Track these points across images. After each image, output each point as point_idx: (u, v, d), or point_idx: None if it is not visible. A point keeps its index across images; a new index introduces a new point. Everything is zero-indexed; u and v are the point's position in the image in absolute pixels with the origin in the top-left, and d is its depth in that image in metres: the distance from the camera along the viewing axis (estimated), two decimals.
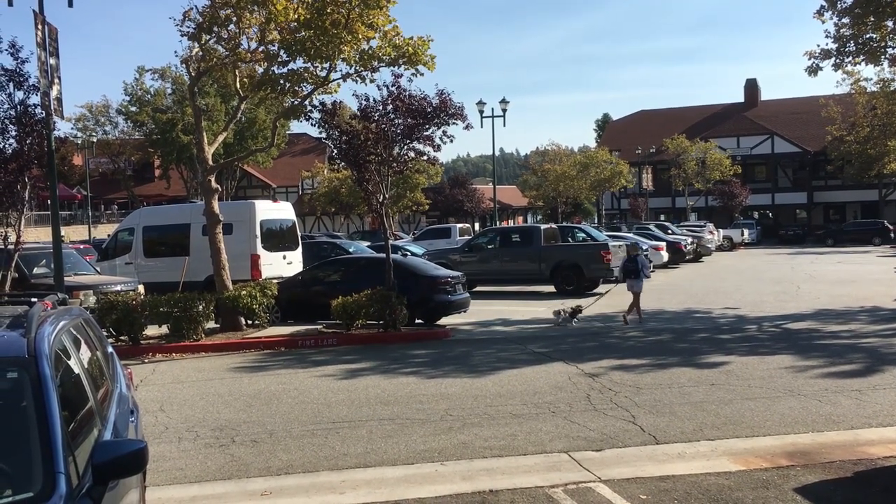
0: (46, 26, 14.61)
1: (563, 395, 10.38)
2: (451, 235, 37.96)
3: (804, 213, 67.58)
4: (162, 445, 8.54)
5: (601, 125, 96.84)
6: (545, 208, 72.20)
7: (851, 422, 8.74)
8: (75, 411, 3.96)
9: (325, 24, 15.43)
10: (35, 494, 3.16)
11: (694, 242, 38.77)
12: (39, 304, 4.55)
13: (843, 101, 55.32)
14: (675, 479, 6.95)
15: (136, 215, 23.79)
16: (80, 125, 60.34)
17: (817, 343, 14.21)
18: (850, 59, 22.65)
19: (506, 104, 42.01)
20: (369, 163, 16.34)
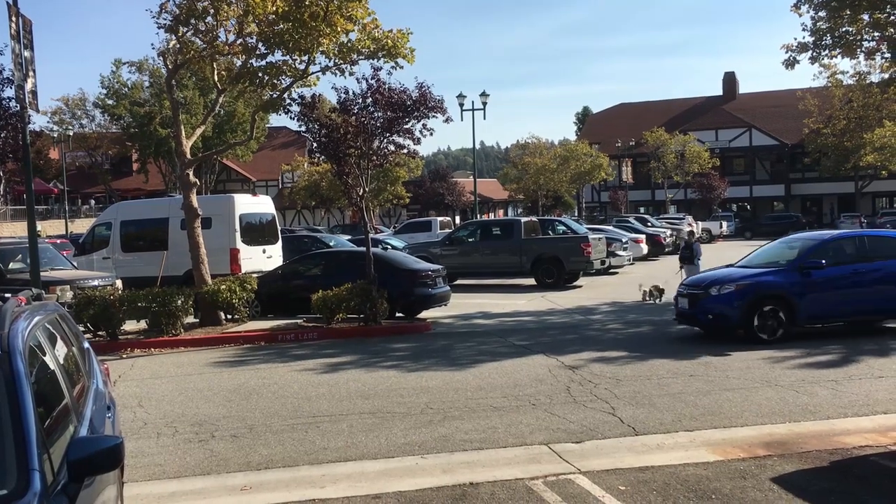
0: (21, 18, 14.39)
1: (544, 388, 10.41)
2: (431, 229, 37.95)
3: (782, 206, 68.20)
4: (140, 441, 8.48)
5: (581, 118, 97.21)
6: (526, 201, 72.37)
7: (827, 412, 8.84)
8: (50, 408, 3.92)
9: (304, 16, 15.34)
10: (9, 492, 3.12)
11: (673, 235, 39.01)
12: (13, 300, 4.49)
13: (820, 95, 55.84)
14: (653, 470, 7.00)
15: (114, 210, 23.59)
16: (57, 118, 59.63)
17: (794, 334, 14.33)
18: (827, 52, 22.86)
19: (486, 97, 42.02)
20: (349, 156, 16.29)
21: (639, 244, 32.84)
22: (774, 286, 13.72)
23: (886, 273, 13.91)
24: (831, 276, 13.73)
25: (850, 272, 13.90)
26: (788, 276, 13.76)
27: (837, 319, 14.22)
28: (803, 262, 13.84)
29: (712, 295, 13.89)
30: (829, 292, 13.72)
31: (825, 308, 13.79)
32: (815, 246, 14.31)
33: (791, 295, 13.55)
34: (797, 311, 13.55)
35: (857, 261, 14.06)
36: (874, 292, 13.87)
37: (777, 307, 13.45)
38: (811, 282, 13.61)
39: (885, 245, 14.72)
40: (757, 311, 13.41)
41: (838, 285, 13.77)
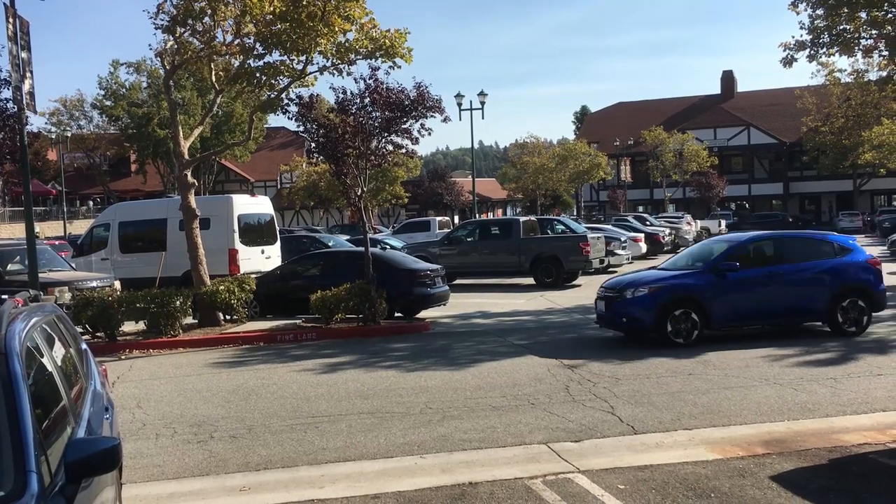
0: (18, 20, 14.38)
1: (543, 387, 10.41)
2: (430, 228, 37.92)
3: (780, 204, 68.25)
4: (139, 442, 8.47)
5: (579, 117, 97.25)
6: (524, 201, 72.41)
7: (826, 410, 8.84)
8: (48, 409, 3.91)
9: (301, 16, 15.33)
10: (6, 493, 3.12)
11: (672, 233, 39.02)
12: (10, 301, 4.48)
13: (818, 93, 55.87)
14: (652, 469, 7.00)
15: (112, 210, 23.57)
16: (54, 119, 59.66)
17: (793, 332, 14.34)
18: (825, 50, 22.90)
19: (484, 97, 41.99)
20: (347, 156, 16.28)
21: (637, 243, 32.85)
22: (687, 289, 13.40)
23: (804, 274, 13.70)
24: (746, 278, 13.42)
25: (766, 274, 13.60)
26: (703, 279, 13.45)
27: (754, 322, 13.89)
28: (718, 264, 13.54)
29: (627, 298, 13.52)
30: (745, 294, 13.41)
31: (740, 311, 13.46)
32: (730, 248, 14.03)
33: (704, 298, 13.23)
34: (711, 314, 13.24)
35: (774, 263, 13.80)
36: (791, 294, 13.60)
37: (690, 310, 13.13)
38: (726, 284, 13.30)
39: (804, 246, 14.43)
40: (670, 314, 13.06)
41: (754, 287, 13.44)
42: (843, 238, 14.80)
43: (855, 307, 13.65)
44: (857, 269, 13.89)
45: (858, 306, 13.65)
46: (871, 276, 13.95)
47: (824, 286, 13.66)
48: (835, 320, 13.61)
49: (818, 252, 14.15)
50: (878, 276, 14.10)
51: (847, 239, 14.75)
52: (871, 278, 13.93)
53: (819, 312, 13.76)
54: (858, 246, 14.43)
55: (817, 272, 13.77)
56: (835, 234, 15.55)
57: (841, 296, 13.64)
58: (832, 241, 14.55)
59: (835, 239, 14.70)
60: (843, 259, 13.95)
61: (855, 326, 13.63)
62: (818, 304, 13.65)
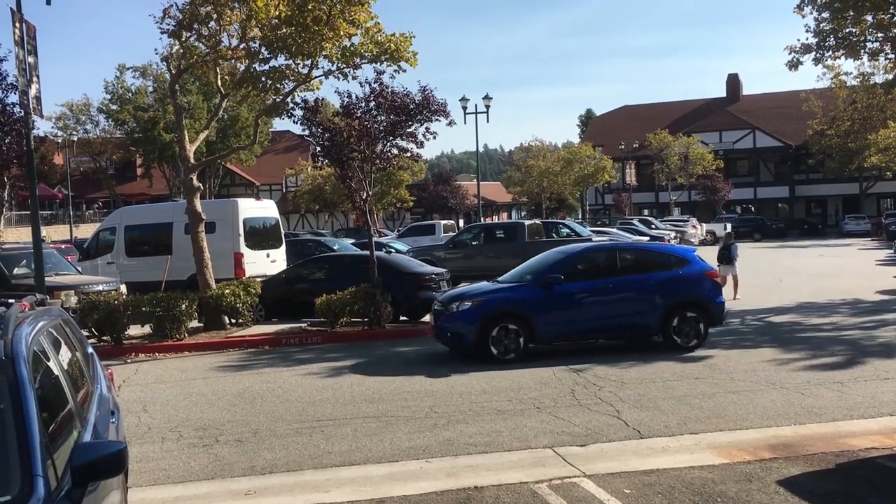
0: (24, 24, 14.44)
1: (548, 391, 10.40)
2: (435, 232, 37.95)
3: (786, 207, 68.10)
4: (145, 446, 8.48)
5: (584, 121, 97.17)
6: (529, 204, 72.37)
7: (833, 414, 8.81)
8: (54, 413, 3.92)
9: (307, 20, 15.36)
10: (13, 497, 3.13)
11: (677, 237, 39.00)
12: (17, 305, 4.49)
13: (824, 96, 55.82)
14: (659, 473, 6.98)
15: (118, 214, 23.63)
16: (61, 124, 59.89)
17: (799, 336, 14.31)
18: (831, 53, 22.84)
19: (489, 100, 42.01)
20: (352, 160, 16.30)
21: None
22: (511, 303, 12.87)
23: (636, 287, 13.16)
24: (574, 291, 12.95)
25: (596, 287, 13.08)
26: (529, 292, 12.87)
27: (583, 337, 13.26)
28: (544, 277, 13.02)
29: (452, 312, 12.97)
30: (572, 309, 12.90)
31: (567, 325, 12.93)
32: (560, 260, 13.61)
33: (530, 312, 12.67)
34: (536, 329, 12.68)
35: (606, 275, 13.25)
36: (623, 307, 13.03)
37: (515, 325, 12.57)
38: (553, 297, 12.76)
39: (640, 258, 14.05)
40: (492, 330, 12.51)
41: (582, 301, 12.97)
42: (682, 249, 14.13)
43: (690, 321, 12.98)
44: (693, 282, 13.26)
45: (694, 320, 13.00)
46: (708, 289, 13.29)
47: (658, 299, 13.01)
48: (669, 334, 12.96)
49: (654, 264, 13.66)
50: (716, 289, 13.46)
51: (687, 250, 14.01)
52: (708, 291, 13.28)
53: (652, 326, 13.08)
54: (697, 258, 13.76)
55: (651, 285, 13.13)
56: (675, 246, 14.98)
57: (676, 309, 12.99)
58: (669, 253, 14.03)
59: (672, 250, 14.08)
60: (678, 271, 13.32)
61: (690, 341, 12.93)
62: (651, 317, 13.01)
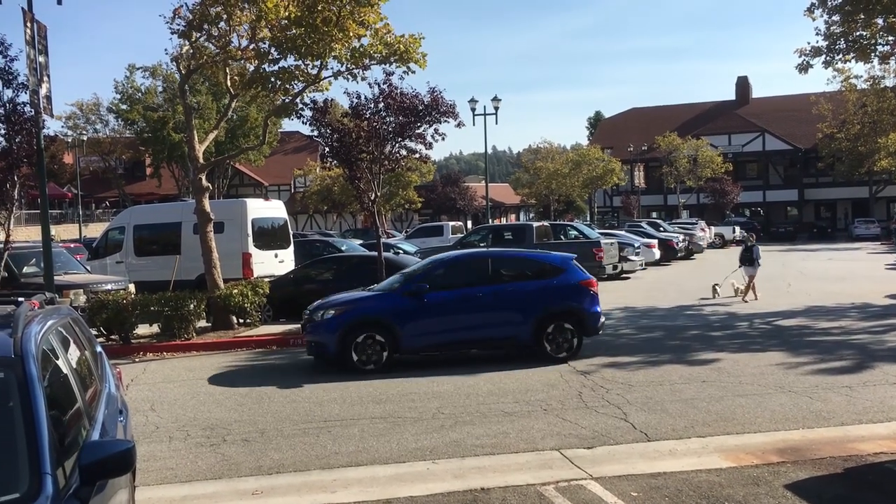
0: (35, 24, 14.51)
1: (555, 393, 10.38)
2: (443, 233, 37.96)
3: (795, 211, 67.87)
4: (152, 445, 8.50)
5: (593, 123, 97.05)
6: (537, 206, 72.33)
7: (842, 418, 8.77)
8: (63, 411, 3.94)
9: (316, 21, 15.39)
10: (21, 495, 3.15)
11: (685, 240, 38.87)
12: (26, 304, 4.52)
13: (834, 99, 55.59)
14: (666, 477, 6.97)
15: (127, 214, 23.71)
16: (71, 123, 60.13)
17: (808, 340, 14.25)
18: (841, 56, 22.77)
19: (498, 102, 42.00)
20: (361, 161, 16.32)
21: (651, 249, 32.76)
22: (374, 311, 12.55)
23: (508, 296, 12.81)
24: (442, 299, 12.58)
25: (465, 296, 12.72)
26: (394, 301, 12.54)
27: (451, 347, 12.87)
28: (410, 285, 12.74)
29: (316, 321, 12.66)
30: (439, 318, 12.51)
31: (434, 335, 12.57)
32: (429, 267, 13.37)
33: (394, 321, 12.34)
34: (401, 339, 12.35)
35: (478, 283, 12.91)
36: (493, 317, 12.71)
37: (378, 334, 12.25)
38: (420, 306, 12.43)
39: (514, 266, 13.74)
40: (355, 339, 12.20)
41: (450, 310, 12.58)
42: (560, 258, 13.65)
43: (563, 331, 12.68)
44: (567, 291, 12.90)
45: (567, 330, 12.70)
46: (582, 299, 12.93)
47: (530, 308, 12.64)
48: (541, 345, 12.62)
49: (529, 273, 13.36)
50: (591, 299, 13.02)
51: (565, 259, 13.62)
52: (582, 301, 12.92)
53: (524, 337, 12.74)
54: (575, 266, 13.36)
55: (523, 294, 12.80)
56: (553, 254, 14.04)
57: (548, 319, 12.66)
58: (545, 261, 13.63)
59: (549, 259, 13.68)
60: (552, 280, 12.98)
61: (562, 352, 12.62)
62: (523, 327, 12.66)
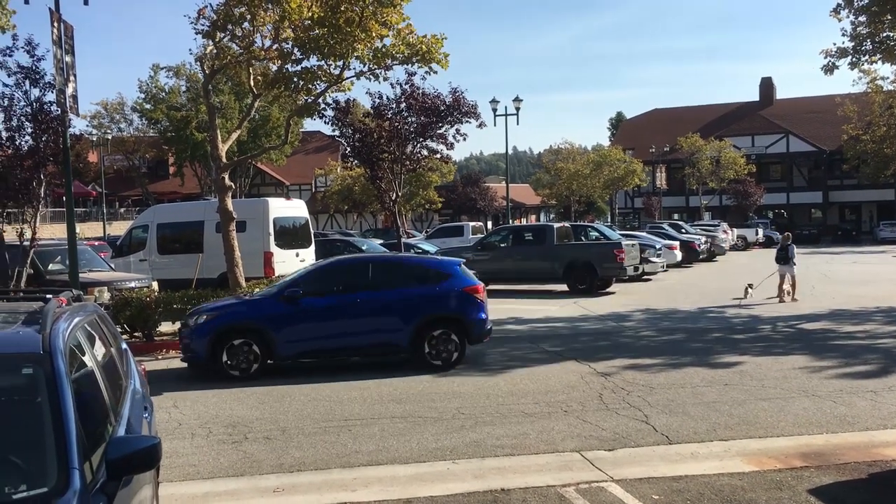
0: (62, 24, 14.69)
1: (576, 395, 10.36)
2: (463, 234, 37.92)
3: (819, 213, 67.18)
4: (175, 442, 8.57)
5: (615, 124, 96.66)
6: (558, 207, 72.16)
7: (866, 423, 8.68)
8: (89, 407, 3.98)
9: (339, 21, 15.45)
10: (49, 489, 3.19)
11: (708, 241, 38.58)
12: (54, 301, 4.57)
13: (860, 100, 54.89)
14: (687, 480, 6.93)
15: (151, 212, 23.91)
16: (96, 122, 60.79)
17: (832, 343, 14.12)
18: (867, 57, 22.53)
19: (519, 102, 41.92)
20: (382, 160, 16.40)
21: (673, 251, 32.54)
22: (246, 317, 12.31)
23: (387, 302, 12.53)
24: (320, 306, 12.38)
25: (344, 302, 12.47)
26: (267, 306, 12.25)
27: (327, 354, 12.65)
28: (283, 290, 12.48)
29: (190, 326, 12.39)
30: (317, 324, 12.29)
31: (309, 341, 12.30)
32: (306, 273, 13.22)
33: (267, 327, 12.08)
34: (275, 345, 12.10)
35: (356, 289, 12.58)
36: (371, 324, 12.46)
37: (250, 340, 12.01)
38: (296, 312, 12.18)
39: (395, 271, 13.42)
40: (226, 344, 11.94)
41: (328, 316, 12.36)
42: (444, 263, 13.48)
43: (445, 339, 12.43)
44: (450, 298, 12.64)
45: (448, 338, 12.44)
46: (466, 305, 12.64)
47: (409, 315, 12.40)
48: (420, 353, 12.37)
49: (410, 278, 13.11)
50: (476, 305, 12.72)
51: (449, 264, 13.37)
52: (466, 307, 12.62)
53: (402, 344, 12.50)
54: (461, 272, 13.06)
55: (403, 300, 12.53)
56: (438, 259, 13.59)
57: (429, 326, 12.42)
58: (428, 267, 13.39)
59: (432, 264, 13.45)
60: (435, 287, 12.76)
61: (441, 360, 12.39)
62: (401, 334, 12.42)
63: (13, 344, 3.93)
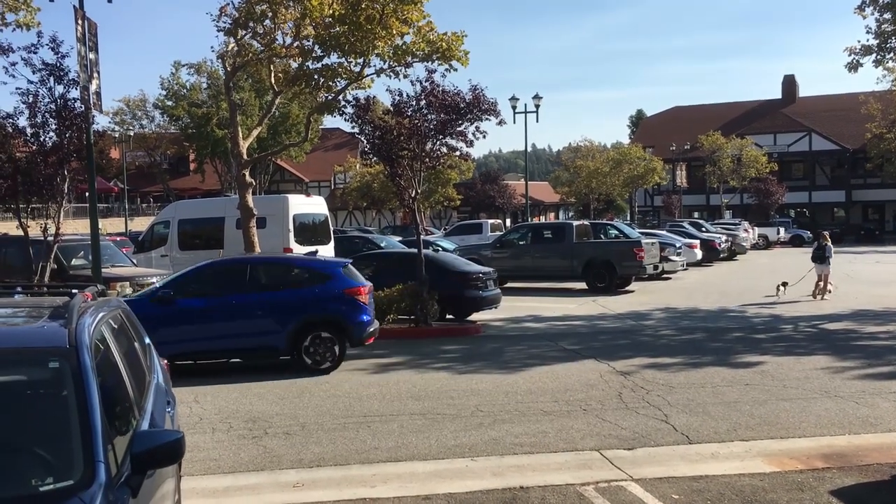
0: (86, 21, 14.82)
1: (595, 393, 10.33)
2: (482, 231, 37.92)
3: (842, 212, 66.48)
4: (196, 436, 8.64)
5: (635, 121, 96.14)
6: (577, 205, 71.84)
7: (889, 424, 8.59)
8: (114, 401, 4.02)
9: (360, 19, 15.50)
10: (75, 482, 3.22)
11: (728, 240, 38.30)
12: (80, 296, 4.62)
13: (884, 98, 54.24)
14: (708, 480, 6.89)
15: (172, 208, 24.10)
16: (118, 119, 61.28)
17: (854, 344, 13.98)
18: (892, 55, 22.27)
19: (539, 100, 41.84)
20: (402, 158, 16.38)
21: (693, 249, 32.34)
22: None
23: (263, 305, 12.31)
24: (194, 308, 12.22)
25: (219, 304, 12.25)
26: (140, 307, 11.27)
27: (205, 357, 12.42)
28: (157, 291, 12.40)
29: None
30: (191, 327, 12.10)
31: (184, 344, 11.98)
32: (181, 274, 12.96)
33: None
34: None
35: (233, 291, 12.38)
36: (248, 326, 12.21)
37: None
38: (168, 314, 11.99)
39: (272, 273, 13.26)
40: None
41: (202, 319, 12.18)
42: (326, 264, 13.25)
43: (323, 341, 12.27)
44: (329, 300, 12.43)
45: (327, 340, 12.28)
46: (346, 307, 12.42)
47: (287, 317, 12.19)
48: (299, 356, 12.16)
49: (290, 280, 12.95)
50: (356, 307, 12.51)
51: (331, 266, 13.17)
52: (345, 309, 12.42)
53: (280, 347, 12.31)
54: (343, 273, 12.82)
55: (280, 302, 12.31)
56: (319, 260, 13.44)
57: (306, 328, 12.24)
58: (308, 268, 13.06)
59: (313, 265, 13.13)
60: (314, 288, 12.55)
61: (323, 363, 12.24)
62: (278, 336, 12.21)
63: (40, 338, 3.98)
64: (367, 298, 12.84)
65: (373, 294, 15.96)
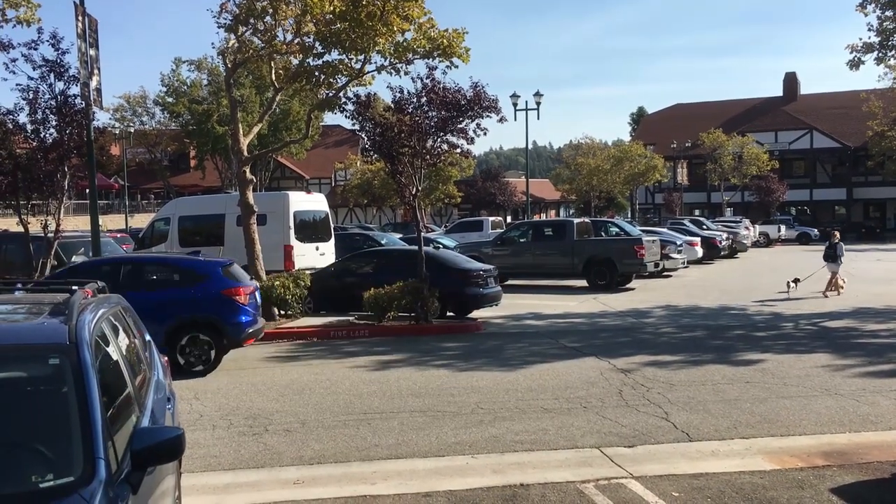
0: (87, 17, 14.81)
1: (595, 391, 10.33)
2: (483, 228, 37.91)
3: (843, 210, 66.43)
4: (196, 433, 8.64)
5: (636, 119, 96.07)
6: (578, 202, 71.80)
7: (890, 422, 8.59)
8: (114, 398, 4.02)
9: (361, 16, 15.47)
10: (75, 479, 3.22)
11: (729, 238, 38.27)
12: (80, 292, 4.62)
13: (885, 96, 54.09)
14: (708, 477, 6.89)
15: (173, 205, 24.09)
16: (118, 115, 61.24)
17: (855, 342, 13.98)
18: (894, 52, 22.23)
19: (540, 97, 41.84)
20: (402, 155, 16.36)
21: (694, 247, 32.30)
22: None
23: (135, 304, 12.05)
24: None
25: None
26: None
27: None
28: None
29: None
30: None
31: None
32: (52, 276, 12.71)
33: None
34: None
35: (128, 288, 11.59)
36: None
37: None
38: None
39: (147, 273, 13.07)
40: None
41: None
42: (203, 264, 12.93)
43: (198, 342, 12.14)
44: (205, 301, 12.24)
45: (203, 342, 12.15)
46: (222, 309, 12.25)
47: (160, 318, 11.70)
48: (174, 357, 11.72)
49: (164, 280, 12.81)
50: (234, 308, 12.33)
51: (209, 266, 12.86)
52: (222, 311, 12.24)
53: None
54: (221, 273, 12.63)
55: (153, 302, 11.79)
56: (197, 260, 13.18)
57: (181, 330, 12.10)
58: (184, 268, 12.91)
59: (190, 265, 12.87)
60: (190, 289, 12.40)
61: (198, 364, 12.08)
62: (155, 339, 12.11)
63: (40, 334, 3.98)
64: (245, 299, 12.55)
65: (376, 291, 15.79)
